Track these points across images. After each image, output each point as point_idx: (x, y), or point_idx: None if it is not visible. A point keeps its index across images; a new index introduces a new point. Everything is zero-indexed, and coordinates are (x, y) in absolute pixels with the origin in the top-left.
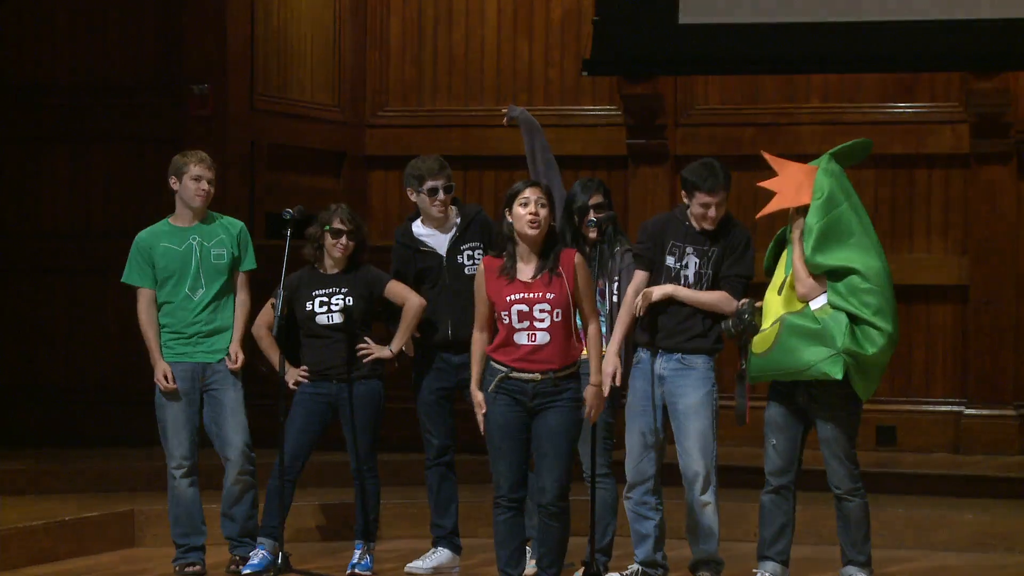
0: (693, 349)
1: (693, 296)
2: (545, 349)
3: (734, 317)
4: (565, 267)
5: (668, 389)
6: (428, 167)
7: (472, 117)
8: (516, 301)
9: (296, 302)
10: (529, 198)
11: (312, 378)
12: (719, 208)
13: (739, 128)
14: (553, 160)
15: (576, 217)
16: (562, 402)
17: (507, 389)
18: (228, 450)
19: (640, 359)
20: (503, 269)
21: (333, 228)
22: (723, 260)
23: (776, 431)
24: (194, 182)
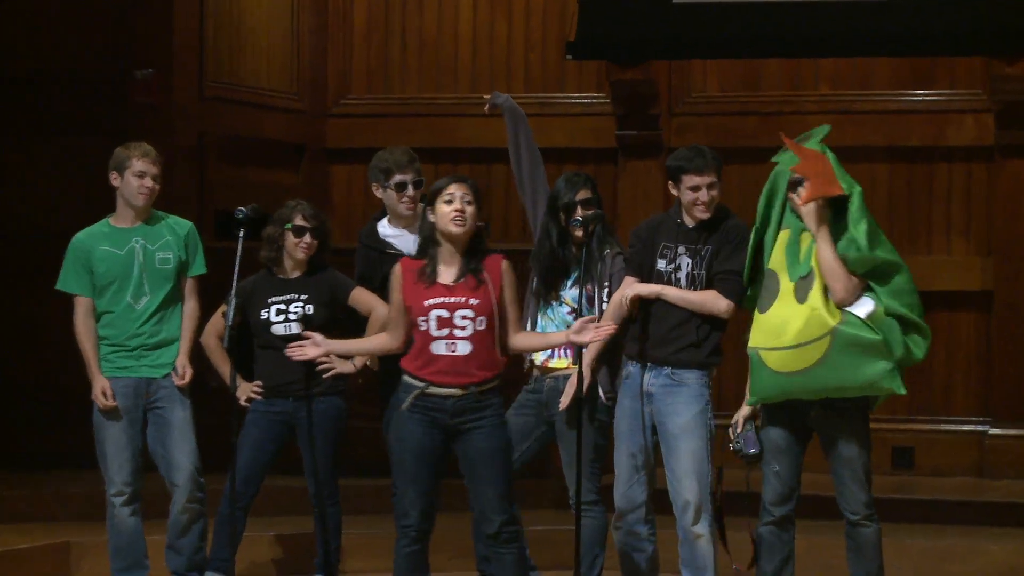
0: (684, 362)
1: (681, 295)
2: (465, 360)
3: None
4: (491, 272)
5: (657, 407)
6: (396, 160)
7: (445, 106)
8: (436, 306)
9: (250, 310)
10: (454, 194)
11: (267, 394)
12: (711, 191)
13: (740, 118)
14: (538, 153)
15: (561, 215)
16: (487, 420)
17: (423, 407)
18: (175, 475)
19: (629, 373)
20: (423, 272)
21: (295, 225)
22: (717, 256)
23: (777, 455)
24: (137, 178)
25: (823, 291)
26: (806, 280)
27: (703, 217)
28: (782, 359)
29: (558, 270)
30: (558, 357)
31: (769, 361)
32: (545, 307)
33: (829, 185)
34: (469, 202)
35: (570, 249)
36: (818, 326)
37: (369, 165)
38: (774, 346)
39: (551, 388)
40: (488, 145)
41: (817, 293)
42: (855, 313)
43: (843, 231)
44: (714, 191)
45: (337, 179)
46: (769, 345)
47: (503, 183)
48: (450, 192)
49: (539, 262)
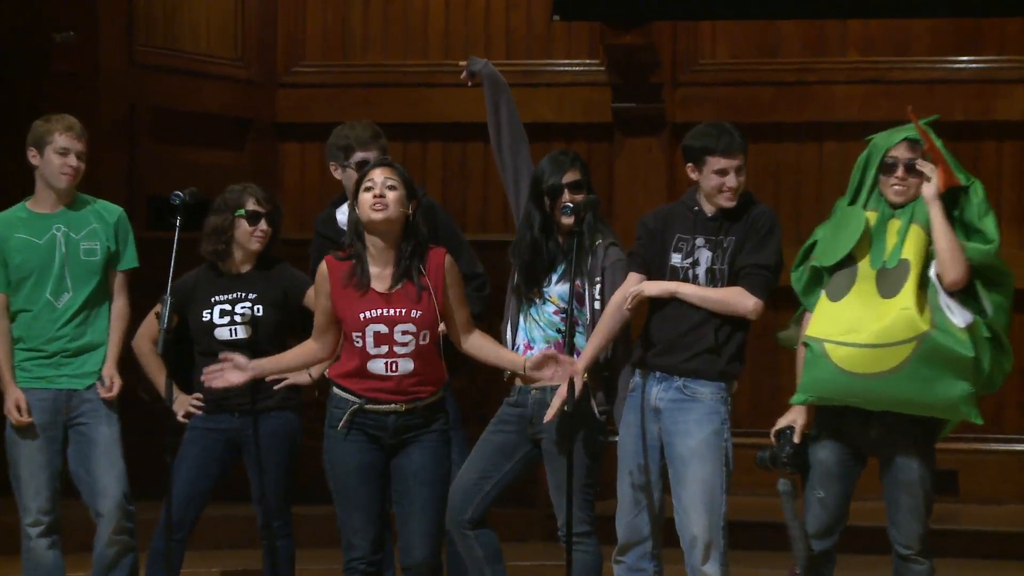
0: (699, 372)
1: (699, 293)
2: (408, 379)
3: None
4: (432, 272)
5: (665, 425)
6: (357, 136)
7: (413, 74)
8: (373, 320)
9: (189, 310)
10: (374, 180)
11: (208, 408)
12: (739, 176)
13: (755, 88)
14: (522, 129)
15: (546, 200)
16: (430, 436)
17: (361, 424)
18: (100, 502)
19: (636, 384)
20: (352, 275)
21: (249, 211)
22: (742, 248)
23: (827, 480)
24: (59, 156)
25: (917, 288)
26: (894, 273)
27: (729, 205)
28: (853, 357)
29: (542, 264)
30: None
31: (835, 356)
32: (527, 306)
33: (949, 176)
34: (392, 187)
35: (556, 239)
36: (906, 328)
37: (326, 142)
38: (845, 340)
39: (537, 401)
40: (463, 119)
41: (910, 290)
42: (953, 320)
43: (955, 225)
44: (742, 176)
45: (288, 158)
46: (839, 338)
47: (481, 163)
48: (370, 178)
49: (520, 255)
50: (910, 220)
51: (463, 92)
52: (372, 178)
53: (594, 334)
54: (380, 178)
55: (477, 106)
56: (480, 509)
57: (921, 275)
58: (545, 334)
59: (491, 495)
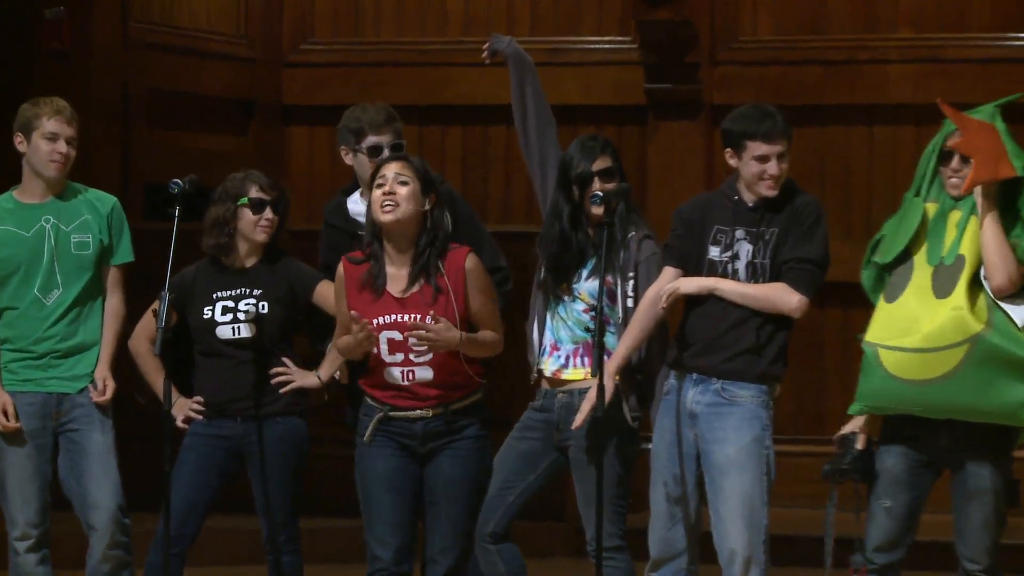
0: (738, 374)
1: (739, 290)
2: (429, 386)
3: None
4: (452, 274)
5: (702, 432)
6: (369, 119)
7: (431, 52)
8: (386, 326)
9: (189, 308)
10: (385, 176)
11: (209, 413)
12: (781, 163)
13: (800, 68)
14: (549, 111)
15: (575, 189)
16: (462, 443)
17: (388, 432)
18: (93, 515)
19: (671, 387)
20: (368, 277)
21: (252, 199)
22: (785, 241)
23: (894, 489)
24: (47, 142)
25: (970, 286)
26: (950, 270)
27: (770, 194)
28: (904, 362)
29: (571, 258)
30: (573, 366)
31: (887, 362)
32: (555, 304)
33: (997, 165)
34: (404, 182)
35: (586, 231)
36: (957, 330)
37: (337, 126)
38: (896, 345)
39: (564, 406)
40: (485, 101)
41: (963, 288)
42: (1013, 317)
43: (1013, 219)
44: (785, 163)
45: (296, 144)
46: (891, 343)
47: (504, 148)
48: (381, 175)
49: (547, 248)
50: (970, 212)
51: (484, 71)
52: (384, 174)
53: (626, 333)
54: (391, 173)
55: (500, 86)
56: (503, 522)
57: (977, 272)
58: (573, 334)
59: (515, 507)
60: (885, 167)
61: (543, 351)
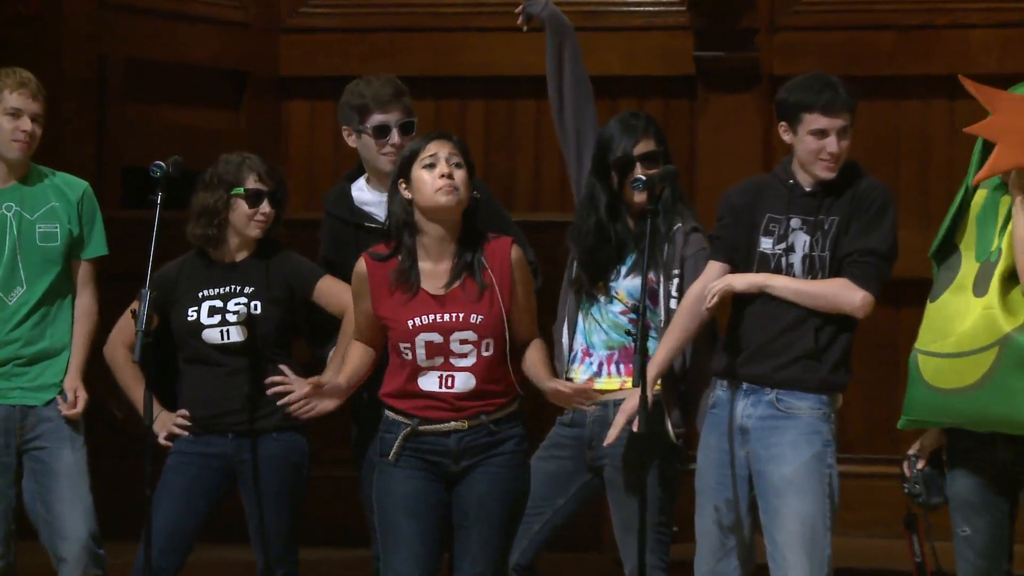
0: (795, 382)
1: (794, 286)
2: (468, 394)
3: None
4: (496, 267)
5: (754, 449)
6: (375, 93)
7: (448, 16)
8: (424, 327)
9: (172, 308)
10: (437, 155)
11: (195, 429)
12: (842, 139)
13: (872, 33)
14: (588, 83)
15: (613, 174)
16: (499, 459)
17: (415, 450)
18: (63, 545)
19: (717, 399)
20: (399, 275)
21: (249, 190)
22: (847, 231)
23: (967, 514)
24: (10, 118)
25: (1005, 282)
26: (992, 265)
27: (827, 176)
28: (938, 370)
29: (608, 252)
30: (607, 375)
31: (924, 369)
32: (588, 304)
33: None
34: (459, 164)
35: (625, 222)
36: (987, 331)
37: (339, 101)
38: (932, 350)
39: (597, 420)
40: (510, 72)
41: (996, 285)
42: None
43: None
44: (846, 140)
45: (294, 120)
46: (929, 347)
47: (533, 126)
48: (431, 153)
49: (581, 240)
50: None
51: (510, 37)
52: (434, 153)
53: (665, 336)
54: (444, 152)
55: (528, 52)
56: (529, 553)
57: (1013, 267)
58: (608, 338)
59: (542, 536)
60: (967, 146)
61: (573, 357)
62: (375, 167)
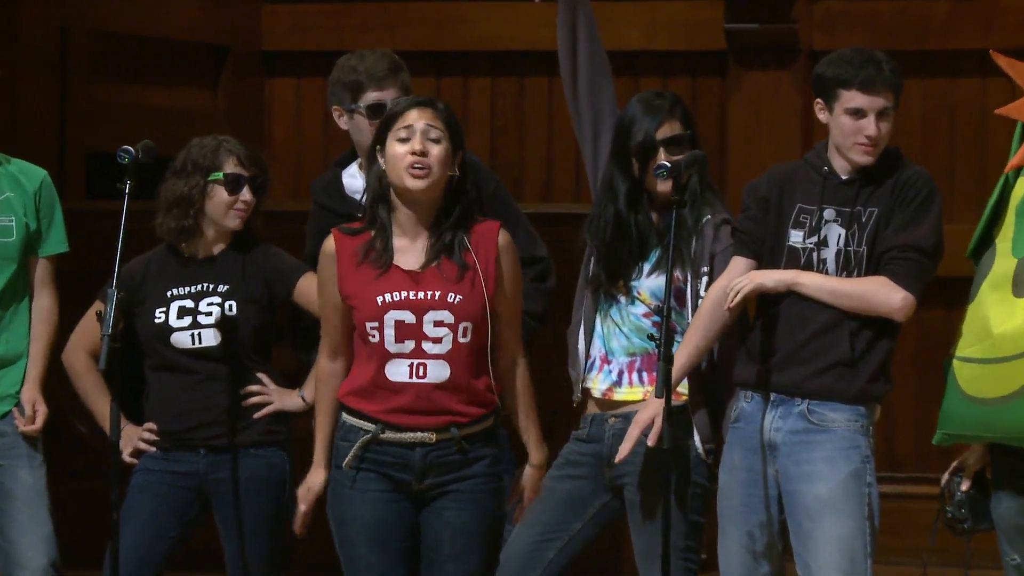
0: (829, 392)
1: (827, 285)
2: (441, 391)
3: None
4: (480, 249)
5: (784, 467)
6: (369, 70)
7: None
8: (394, 305)
9: (138, 310)
10: (414, 127)
11: (165, 445)
12: (881, 122)
13: (924, 3)
14: (605, 57)
15: (635, 159)
16: (472, 482)
17: (376, 462)
18: (20, 574)
19: (741, 412)
20: (370, 249)
21: (228, 175)
22: (887, 224)
23: (1014, 538)
24: None
25: None
26: None
27: (864, 161)
28: (975, 377)
29: (629, 247)
30: (628, 384)
31: (962, 378)
32: (607, 305)
33: None
34: (436, 139)
35: (648, 214)
36: (1005, 329)
37: (329, 78)
38: (968, 355)
39: (617, 434)
40: (518, 46)
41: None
42: None
43: None
44: (886, 123)
45: (278, 100)
46: (965, 352)
47: (544, 106)
48: (407, 123)
49: (599, 235)
50: None
51: (518, 7)
52: (409, 123)
53: (684, 341)
54: (421, 123)
55: (539, 25)
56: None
57: None
58: (629, 343)
59: (557, 564)
60: None
61: (590, 365)
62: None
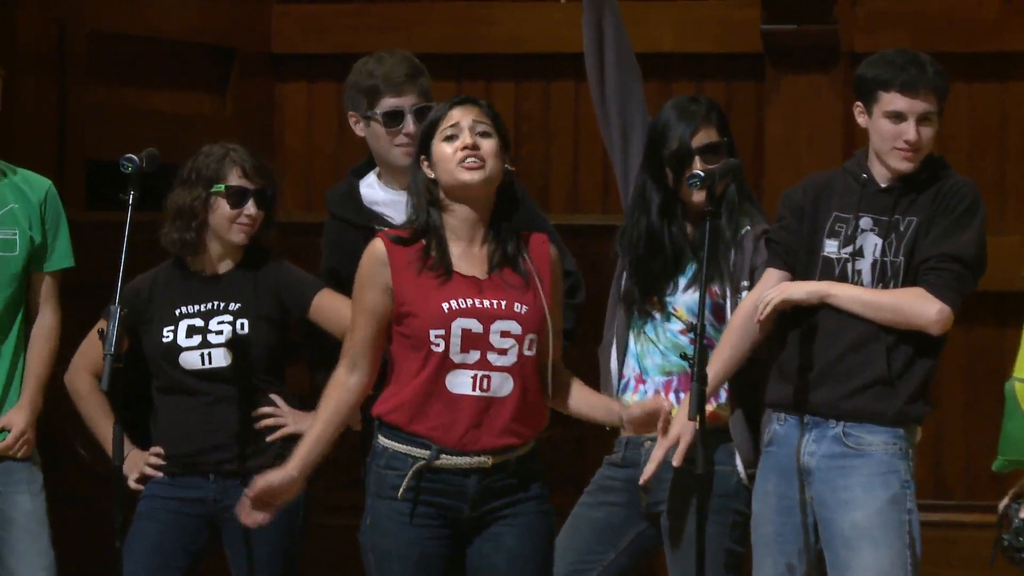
0: (865, 413)
1: (861, 297)
2: (503, 407)
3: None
4: (537, 260)
5: (819, 493)
6: (387, 74)
7: None
8: (461, 312)
9: (145, 328)
10: (460, 124)
11: (172, 470)
12: (923, 127)
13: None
14: (634, 60)
15: (669, 168)
16: (527, 506)
17: (428, 490)
18: None
19: (774, 435)
20: (426, 257)
21: (231, 187)
22: (926, 233)
23: None
24: None
25: None
26: None
27: (904, 168)
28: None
29: (663, 261)
30: None
31: (1022, 398)
32: (642, 322)
33: None
34: (485, 133)
35: (683, 226)
36: None
37: (344, 83)
38: None
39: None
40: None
41: None
42: None
43: None
44: (928, 128)
45: (290, 105)
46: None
47: (571, 110)
48: (453, 122)
49: (632, 248)
50: None
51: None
52: (456, 121)
53: (714, 356)
54: (467, 121)
55: (565, 26)
56: None
57: None
58: (664, 362)
59: None
60: None
61: (624, 385)
62: (387, 160)
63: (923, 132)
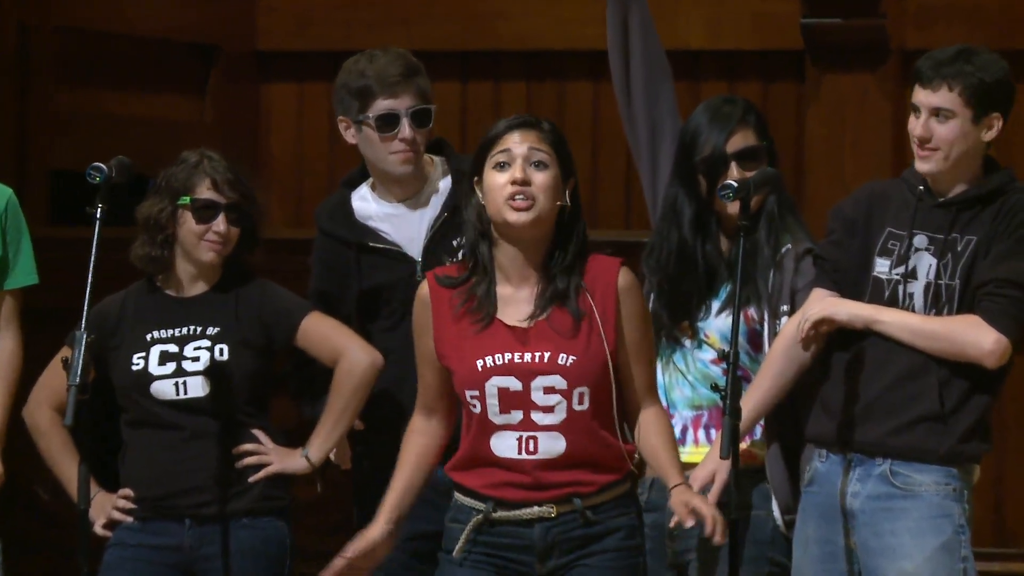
0: (915, 451)
1: (910, 323)
2: (557, 465)
3: None
4: (598, 291)
5: (864, 538)
6: (380, 73)
7: None
8: (496, 370)
9: (113, 355)
10: (513, 152)
11: (144, 514)
12: (935, 121)
13: None
14: (664, 58)
15: (702, 177)
16: (604, 557)
17: (491, 544)
18: None
19: (815, 474)
20: (469, 298)
21: (198, 200)
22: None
23: None
24: None
25: None
26: None
27: (924, 169)
28: None
29: (695, 281)
30: (694, 442)
31: None
32: (670, 349)
33: None
34: (540, 163)
35: (717, 242)
36: None
37: (335, 83)
38: None
39: None
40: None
41: None
42: None
43: None
44: (947, 127)
45: (276, 108)
46: None
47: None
48: (505, 148)
49: (660, 267)
50: None
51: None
52: (509, 148)
53: (754, 384)
54: (522, 149)
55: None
56: None
57: None
58: (694, 395)
59: None
60: None
61: None
62: (381, 169)
63: (937, 129)
